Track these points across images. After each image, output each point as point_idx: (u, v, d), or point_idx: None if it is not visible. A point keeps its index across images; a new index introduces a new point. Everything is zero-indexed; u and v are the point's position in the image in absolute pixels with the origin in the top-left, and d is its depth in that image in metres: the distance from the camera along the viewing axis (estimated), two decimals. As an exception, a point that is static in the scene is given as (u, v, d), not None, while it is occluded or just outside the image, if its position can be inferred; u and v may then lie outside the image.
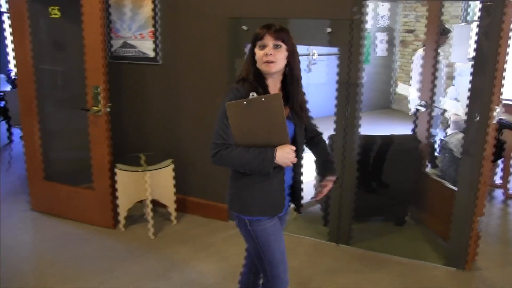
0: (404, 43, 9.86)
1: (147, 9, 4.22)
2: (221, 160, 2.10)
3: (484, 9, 3.24)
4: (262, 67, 2.10)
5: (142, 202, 4.14)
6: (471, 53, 3.84)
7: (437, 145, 5.34)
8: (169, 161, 4.20)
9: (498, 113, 3.35)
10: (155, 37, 4.26)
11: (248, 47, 2.17)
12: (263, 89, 2.11)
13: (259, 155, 2.05)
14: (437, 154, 5.28)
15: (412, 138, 4.43)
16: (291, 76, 2.18)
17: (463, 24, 7.97)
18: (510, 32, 3.20)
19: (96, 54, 3.77)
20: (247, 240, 2.32)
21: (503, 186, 5.25)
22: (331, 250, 3.90)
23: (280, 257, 2.30)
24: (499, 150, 5.10)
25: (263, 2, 3.81)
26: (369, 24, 9.14)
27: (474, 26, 3.54)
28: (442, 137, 5.46)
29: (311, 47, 8.42)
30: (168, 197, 4.24)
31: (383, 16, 9.39)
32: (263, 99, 1.99)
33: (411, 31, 9.65)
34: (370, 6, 9.04)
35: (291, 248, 3.88)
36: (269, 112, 2.01)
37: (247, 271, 2.62)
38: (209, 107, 4.21)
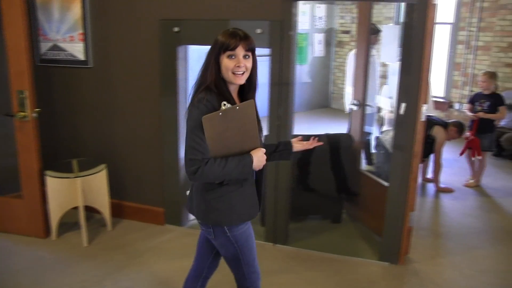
0: (341, 44, 10.07)
1: (76, 11, 4.09)
2: (203, 176, 2.04)
3: (408, 10, 3.34)
4: (231, 77, 2.09)
5: (76, 208, 4.00)
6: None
7: (373, 142, 5.47)
8: (103, 166, 4.09)
9: (425, 111, 3.46)
10: (85, 40, 4.13)
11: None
12: (231, 97, 2.12)
13: (239, 163, 2.05)
14: (373, 151, 5.41)
15: (345, 137, 4.50)
16: (251, 84, 2.19)
17: (391, 24, 8.23)
18: (433, 32, 3.32)
19: (20, 57, 3.61)
20: (225, 247, 2.29)
21: (435, 180, 5.44)
22: (268, 251, 3.90)
23: (254, 253, 2.36)
24: (430, 146, 5.28)
25: (193, 3, 3.77)
26: (307, 25, 9.27)
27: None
28: (377, 134, 5.60)
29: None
30: (103, 203, 4.13)
31: (320, 18, 9.54)
32: (238, 108, 1.99)
33: (347, 32, 9.86)
34: (307, 7, 9.18)
35: (229, 250, 3.87)
36: (243, 120, 2.02)
37: (195, 276, 2.57)
38: (142, 110, 4.14)
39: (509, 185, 5.75)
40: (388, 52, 5.05)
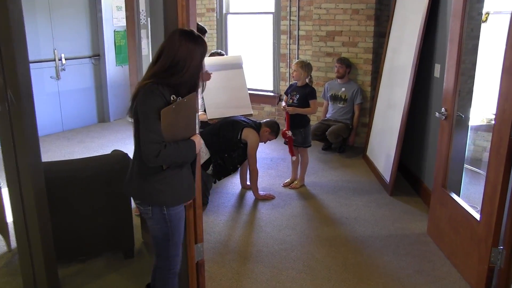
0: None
1: None
2: (163, 158, 2.25)
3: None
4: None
5: None
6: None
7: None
8: None
9: (199, 121, 2.82)
10: None
11: None
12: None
13: (186, 147, 2.34)
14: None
15: (119, 157, 3.65)
16: None
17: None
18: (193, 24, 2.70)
19: None
20: (159, 226, 2.48)
21: (252, 188, 4.89)
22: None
23: (182, 237, 2.60)
24: (243, 151, 4.73)
25: None
26: (125, 21, 8.36)
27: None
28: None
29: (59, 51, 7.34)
30: None
31: (141, 11, 8.67)
32: (185, 100, 2.29)
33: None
34: (121, 2, 8.25)
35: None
36: (187, 111, 2.35)
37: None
38: None
39: (334, 180, 5.42)
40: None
